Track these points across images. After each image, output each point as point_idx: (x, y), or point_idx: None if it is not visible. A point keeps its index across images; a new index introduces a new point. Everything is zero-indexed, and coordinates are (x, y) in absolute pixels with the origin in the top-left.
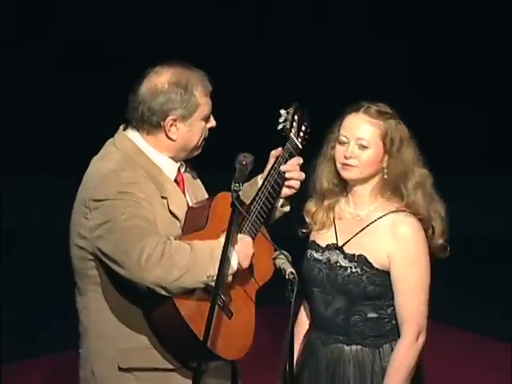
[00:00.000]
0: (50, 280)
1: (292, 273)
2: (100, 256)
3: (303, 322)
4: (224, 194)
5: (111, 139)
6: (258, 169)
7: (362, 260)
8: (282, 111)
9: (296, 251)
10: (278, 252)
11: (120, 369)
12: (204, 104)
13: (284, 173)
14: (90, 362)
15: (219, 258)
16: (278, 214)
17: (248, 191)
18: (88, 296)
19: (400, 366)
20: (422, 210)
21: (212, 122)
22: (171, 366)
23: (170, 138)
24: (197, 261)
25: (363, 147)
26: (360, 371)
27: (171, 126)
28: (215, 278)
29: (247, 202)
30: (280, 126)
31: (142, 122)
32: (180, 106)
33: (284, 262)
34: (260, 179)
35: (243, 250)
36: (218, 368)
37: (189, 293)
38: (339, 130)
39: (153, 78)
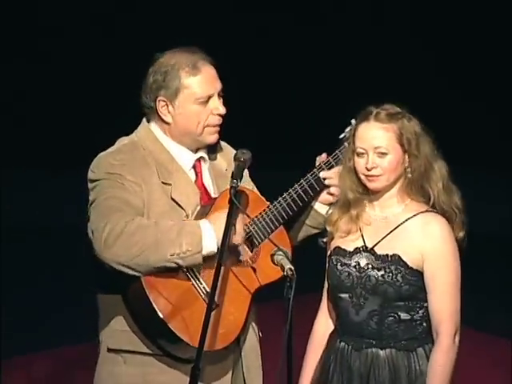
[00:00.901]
0: (50, 277)
1: (290, 269)
2: None
3: (319, 340)
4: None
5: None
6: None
7: (395, 259)
8: (353, 121)
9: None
10: (276, 248)
11: (109, 349)
12: (194, 85)
13: (324, 179)
14: (99, 344)
15: (187, 235)
16: (323, 220)
17: None
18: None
19: (443, 367)
20: (447, 207)
21: (217, 109)
22: (153, 352)
23: (164, 121)
24: (160, 239)
25: (383, 154)
26: (395, 375)
27: (162, 107)
28: (182, 255)
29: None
30: (342, 135)
31: (143, 106)
32: (164, 87)
33: (282, 259)
34: None
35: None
36: (218, 355)
37: (163, 270)
38: (355, 142)
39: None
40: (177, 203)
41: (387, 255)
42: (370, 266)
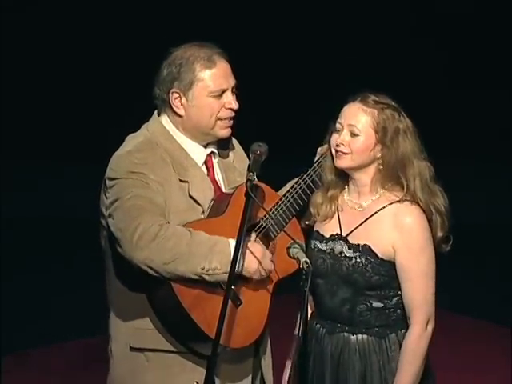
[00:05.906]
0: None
1: (306, 262)
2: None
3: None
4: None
5: (147, 123)
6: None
7: (366, 250)
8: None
9: None
10: (291, 241)
11: (131, 348)
12: (208, 79)
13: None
14: (111, 340)
15: (218, 253)
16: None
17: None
18: (109, 274)
19: (413, 355)
20: (424, 205)
21: (230, 103)
22: (178, 350)
23: (176, 114)
24: (193, 251)
25: (354, 135)
26: (365, 360)
27: (175, 99)
28: (210, 272)
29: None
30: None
31: (156, 98)
32: (178, 78)
33: (298, 252)
34: None
35: (249, 257)
36: (238, 355)
37: (188, 279)
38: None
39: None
40: (195, 200)
41: (358, 245)
42: (343, 255)
